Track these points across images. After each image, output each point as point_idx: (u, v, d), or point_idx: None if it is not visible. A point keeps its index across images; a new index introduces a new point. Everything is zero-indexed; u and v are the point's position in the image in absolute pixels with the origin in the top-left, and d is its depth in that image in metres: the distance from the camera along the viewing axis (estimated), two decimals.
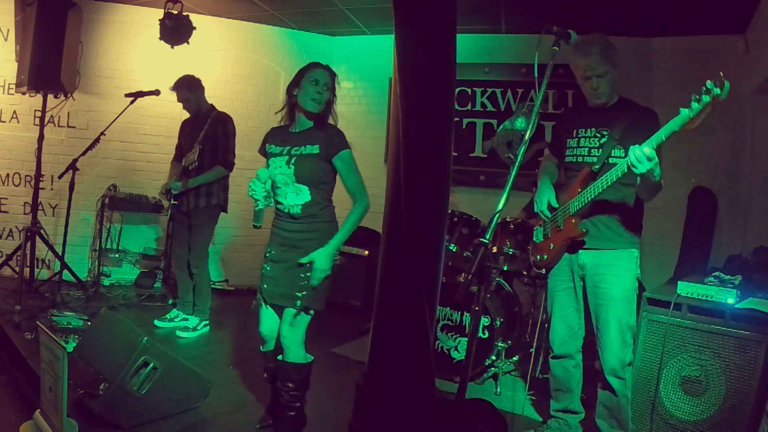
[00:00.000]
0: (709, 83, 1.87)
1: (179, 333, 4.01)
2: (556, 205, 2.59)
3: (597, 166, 2.44)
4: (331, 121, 2.52)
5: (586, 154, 2.51)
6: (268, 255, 2.51)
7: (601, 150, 2.46)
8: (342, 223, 2.44)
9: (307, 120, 2.47)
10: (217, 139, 4.08)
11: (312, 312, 2.44)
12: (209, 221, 4.13)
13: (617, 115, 2.46)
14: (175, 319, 4.22)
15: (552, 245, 2.60)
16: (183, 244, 4.18)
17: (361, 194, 2.42)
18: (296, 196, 2.39)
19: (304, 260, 2.37)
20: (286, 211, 2.44)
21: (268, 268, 2.48)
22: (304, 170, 2.38)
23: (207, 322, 4.20)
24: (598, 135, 2.49)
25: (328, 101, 2.45)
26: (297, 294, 2.37)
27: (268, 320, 2.54)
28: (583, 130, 2.54)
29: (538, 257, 2.70)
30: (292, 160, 2.39)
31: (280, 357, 2.48)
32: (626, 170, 2.18)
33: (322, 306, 2.45)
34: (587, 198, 2.41)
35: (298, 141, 2.44)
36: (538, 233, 2.73)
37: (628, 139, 2.34)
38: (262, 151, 2.58)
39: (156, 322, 4.18)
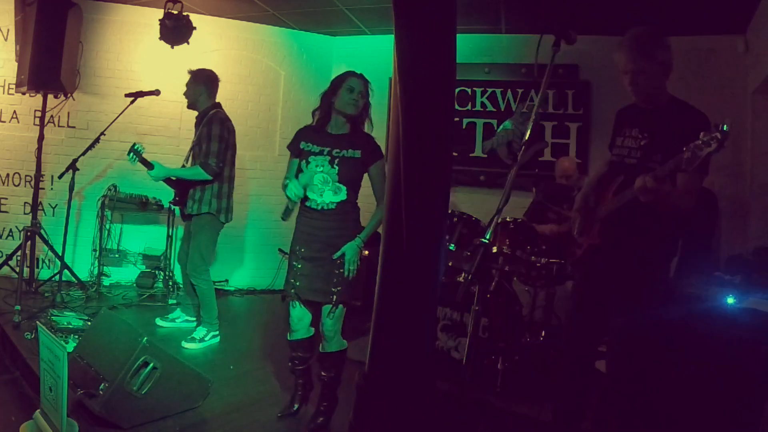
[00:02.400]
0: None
1: (184, 344, 3.75)
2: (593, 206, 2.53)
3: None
4: (367, 128, 2.72)
5: (626, 154, 2.40)
6: (298, 252, 2.63)
7: (640, 153, 2.34)
8: (367, 220, 2.65)
9: (343, 124, 2.63)
10: (201, 141, 3.85)
11: (345, 307, 2.63)
12: (203, 229, 3.86)
13: (661, 119, 2.31)
14: (177, 320, 4.19)
15: (581, 244, 2.55)
16: (186, 247, 4.02)
17: (383, 199, 2.55)
18: (334, 194, 2.56)
19: (336, 255, 2.55)
20: (318, 208, 2.58)
21: (300, 266, 2.61)
22: (348, 172, 2.56)
23: (216, 333, 3.92)
24: (640, 137, 2.36)
25: (363, 107, 2.63)
26: (333, 289, 2.55)
27: (299, 312, 2.69)
28: (629, 129, 2.43)
29: (568, 252, 2.66)
30: (336, 161, 2.56)
31: (321, 349, 2.67)
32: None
33: (351, 299, 2.65)
34: (612, 206, 2.33)
35: (339, 144, 2.60)
36: (575, 229, 2.65)
37: (670, 145, 2.15)
38: (293, 147, 2.70)
39: (157, 320, 4.17)
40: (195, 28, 4.96)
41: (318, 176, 2.56)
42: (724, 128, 1.81)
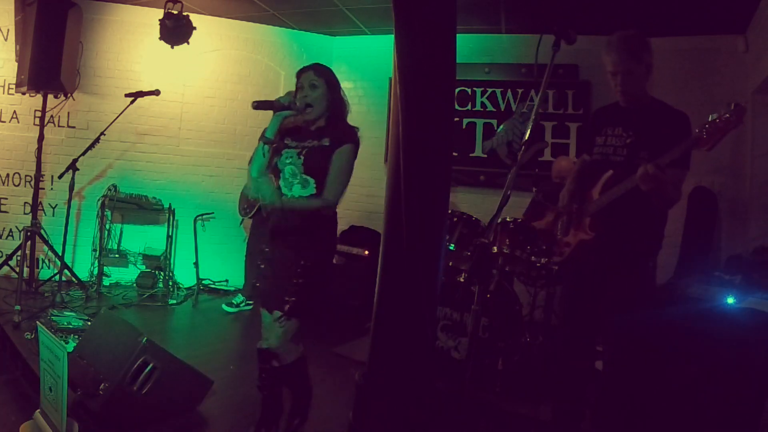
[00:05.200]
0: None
1: (224, 306, 4.76)
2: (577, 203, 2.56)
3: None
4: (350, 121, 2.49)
5: (611, 152, 2.46)
6: (263, 252, 2.45)
7: (626, 150, 2.40)
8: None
9: (320, 119, 2.42)
10: None
11: (298, 320, 2.32)
12: None
13: (646, 117, 2.39)
14: (241, 305, 4.78)
15: (569, 242, 2.57)
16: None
17: (330, 190, 2.29)
18: (302, 188, 2.34)
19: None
20: None
21: (263, 267, 2.44)
22: (314, 161, 2.32)
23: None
24: (624, 135, 2.43)
25: (324, 98, 2.38)
26: (286, 298, 2.28)
27: (268, 318, 2.42)
28: (611, 128, 2.49)
29: (555, 251, 2.67)
30: (303, 151, 2.36)
31: (273, 364, 2.37)
32: (635, 185, 2.16)
33: (309, 314, 2.33)
34: (602, 203, 2.37)
35: (313, 136, 2.40)
36: (560, 228, 2.68)
37: (655, 143, 2.27)
38: (274, 141, 2.43)
39: (223, 306, 4.80)
40: (195, 28, 4.96)
41: (287, 169, 2.38)
42: (733, 106, 1.93)
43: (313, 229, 2.33)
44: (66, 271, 4.58)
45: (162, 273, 5.17)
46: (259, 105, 2.37)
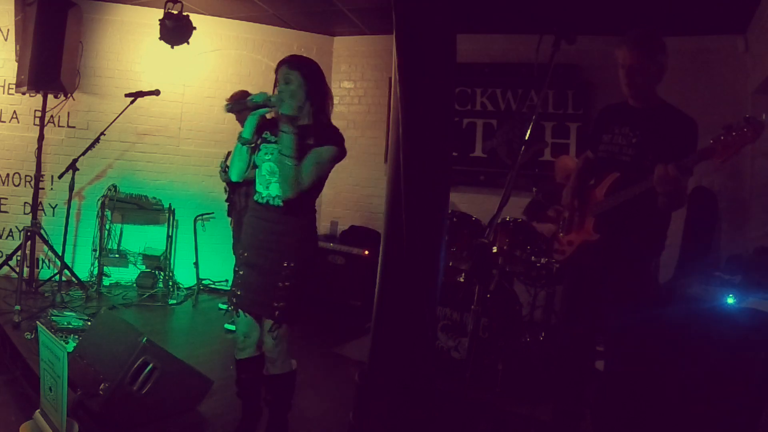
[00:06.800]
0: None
1: (227, 326, 4.24)
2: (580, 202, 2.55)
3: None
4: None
5: (617, 151, 2.44)
6: (242, 257, 2.34)
7: (633, 150, 2.39)
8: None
9: (304, 114, 2.26)
10: None
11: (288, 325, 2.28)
12: None
13: (654, 119, 2.37)
14: None
15: (571, 241, 2.57)
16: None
17: (304, 173, 2.13)
18: (280, 187, 2.21)
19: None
20: (264, 202, 2.27)
21: (243, 273, 2.31)
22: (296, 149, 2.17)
23: None
24: (631, 134, 2.41)
25: (299, 91, 2.22)
26: (275, 304, 2.20)
27: (244, 326, 2.37)
28: (618, 127, 2.47)
29: (557, 249, 2.67)
30: None
31: (266, 371, 2.35)
32: (650, 186, 2.15)
33: (295, 319, 2.29)
34: (609, 205, 2.36)
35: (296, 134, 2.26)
36: (562, 225, 2.67)
37: (660, 146, 2.26)
38: (252, 141, 2.30)
39: (219, 305, 4.69)
40: (195, 28, 4.96)
41: (266, 165, 2.24)
42: (750, 120, 1.90)
43: (296, 229, 2.24)
44: (66, 271, 4.59)
45: (162, 273, 5.17)
46: (232, 106, 2.28)
